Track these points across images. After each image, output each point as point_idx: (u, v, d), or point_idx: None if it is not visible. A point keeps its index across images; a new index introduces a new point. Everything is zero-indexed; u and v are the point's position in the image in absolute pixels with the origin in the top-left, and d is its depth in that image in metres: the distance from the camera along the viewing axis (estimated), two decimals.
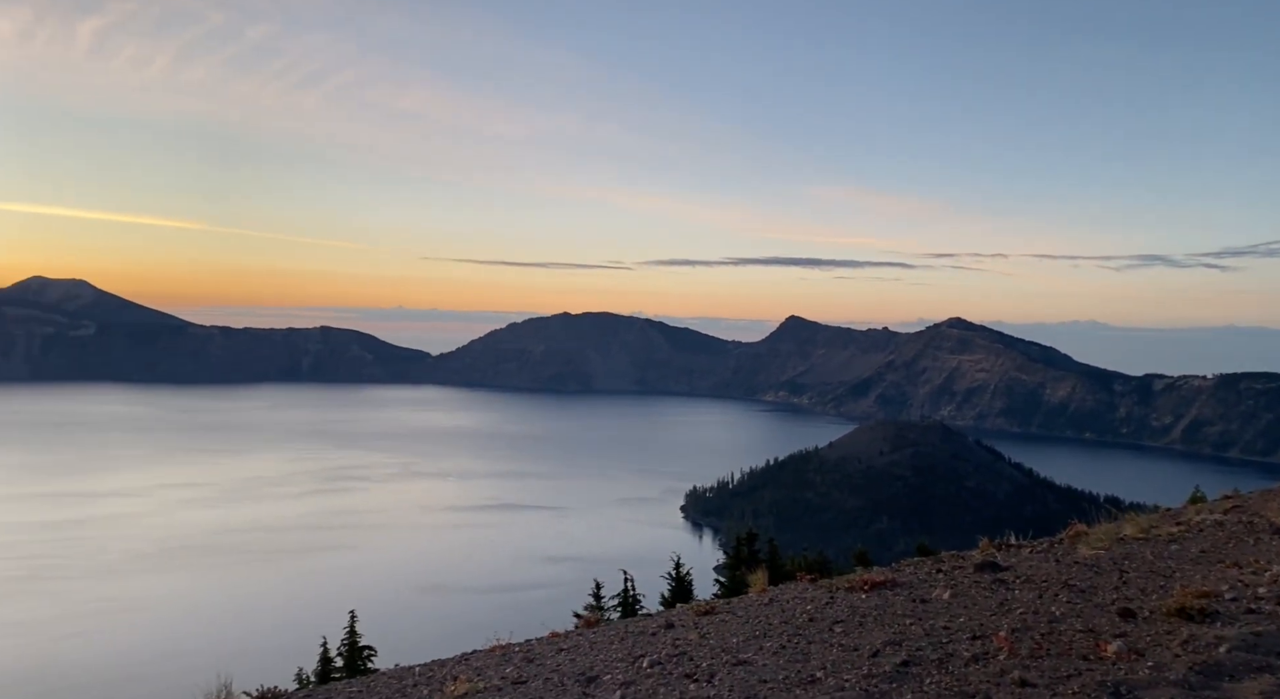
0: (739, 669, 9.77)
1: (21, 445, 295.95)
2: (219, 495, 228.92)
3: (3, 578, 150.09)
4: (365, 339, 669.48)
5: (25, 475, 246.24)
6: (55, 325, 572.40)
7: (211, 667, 65.11)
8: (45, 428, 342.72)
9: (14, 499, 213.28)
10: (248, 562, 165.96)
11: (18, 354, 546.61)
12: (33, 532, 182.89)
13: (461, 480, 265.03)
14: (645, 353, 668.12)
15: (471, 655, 13.42)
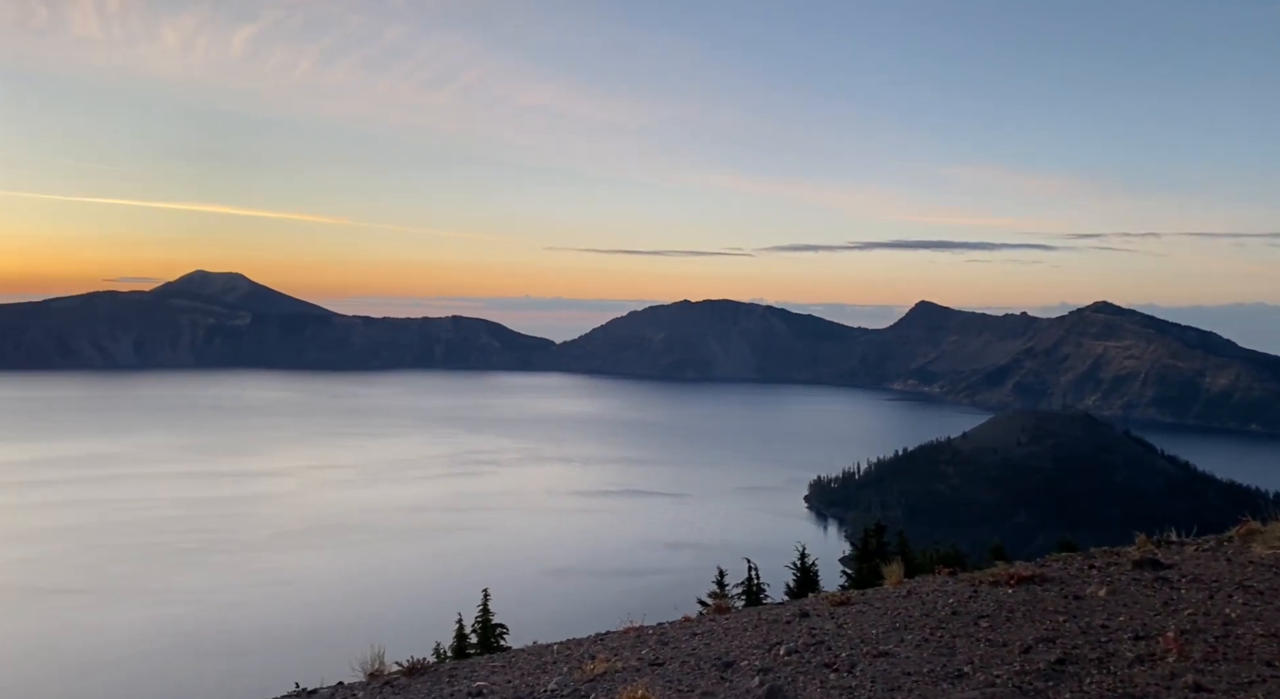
0: (880, 661, 9.55)
1: (188, 428, 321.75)
2: (361, 476, 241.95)
3: (176, 549, 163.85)
4: (493, 327, 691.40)
5: (192, 455, 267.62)
6: (216, 316, 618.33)
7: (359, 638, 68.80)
8: (208, 412, 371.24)
9: (183, 477, 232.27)
10: (388, 540, 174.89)
11: (184, 343, 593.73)
12: (199, 507, 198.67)
13: (585, 466, 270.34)
14: (766, 340, 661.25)
15: (606, 636, 13.68)
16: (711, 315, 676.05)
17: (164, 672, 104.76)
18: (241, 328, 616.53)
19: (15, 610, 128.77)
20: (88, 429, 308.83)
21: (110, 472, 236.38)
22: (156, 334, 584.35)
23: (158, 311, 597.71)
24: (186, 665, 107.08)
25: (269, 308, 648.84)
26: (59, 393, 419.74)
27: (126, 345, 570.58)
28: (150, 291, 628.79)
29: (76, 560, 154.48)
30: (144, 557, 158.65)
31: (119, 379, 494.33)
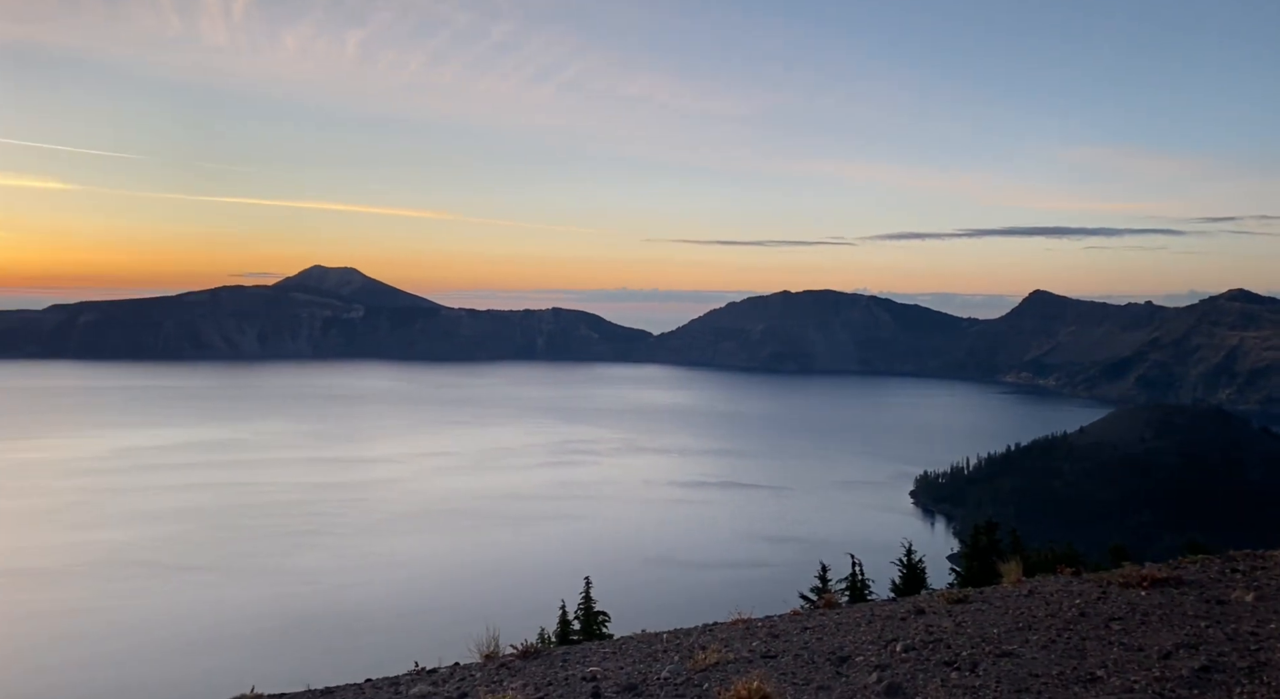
0: (1004, 661, 9.22)
1: (307, 415, 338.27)
2: (468, 464, 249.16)
3: (296, 531, 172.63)
4: (592, 319, 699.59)
5: (310, 441, 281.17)
6: (332, 309, 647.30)
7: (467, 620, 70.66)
8: (324, 400, 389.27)
9: (301, 462, 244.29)
10: (492, 526, 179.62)
11: (303, 335, 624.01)
12: (316, 491, 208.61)
13: (682, 457, 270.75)
14: (869, 331, 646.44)
15: (714, 627, 13.67)
16: (813, 306, 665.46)
17: (284, 647, 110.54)
18: (355, 320, 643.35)
19: (150, 586, 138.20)
20: (216, 416, 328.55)
21: (235, 457, 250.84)
22: (278, 326, 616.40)
23: (279, 305, 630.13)
24: (305, 642, 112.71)
25: (381, 301, 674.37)
26: (190, 382, 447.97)
27: (251, 337, 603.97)
28: (272, 286, 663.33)
29: (204, 540, 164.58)
30: (265, 537, 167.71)
31: (244, 369, 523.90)
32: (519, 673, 11.30)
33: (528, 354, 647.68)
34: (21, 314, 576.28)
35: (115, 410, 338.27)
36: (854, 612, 13.66)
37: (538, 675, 11.00)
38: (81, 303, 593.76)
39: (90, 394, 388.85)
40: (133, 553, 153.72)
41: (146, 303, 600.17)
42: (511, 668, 11.60)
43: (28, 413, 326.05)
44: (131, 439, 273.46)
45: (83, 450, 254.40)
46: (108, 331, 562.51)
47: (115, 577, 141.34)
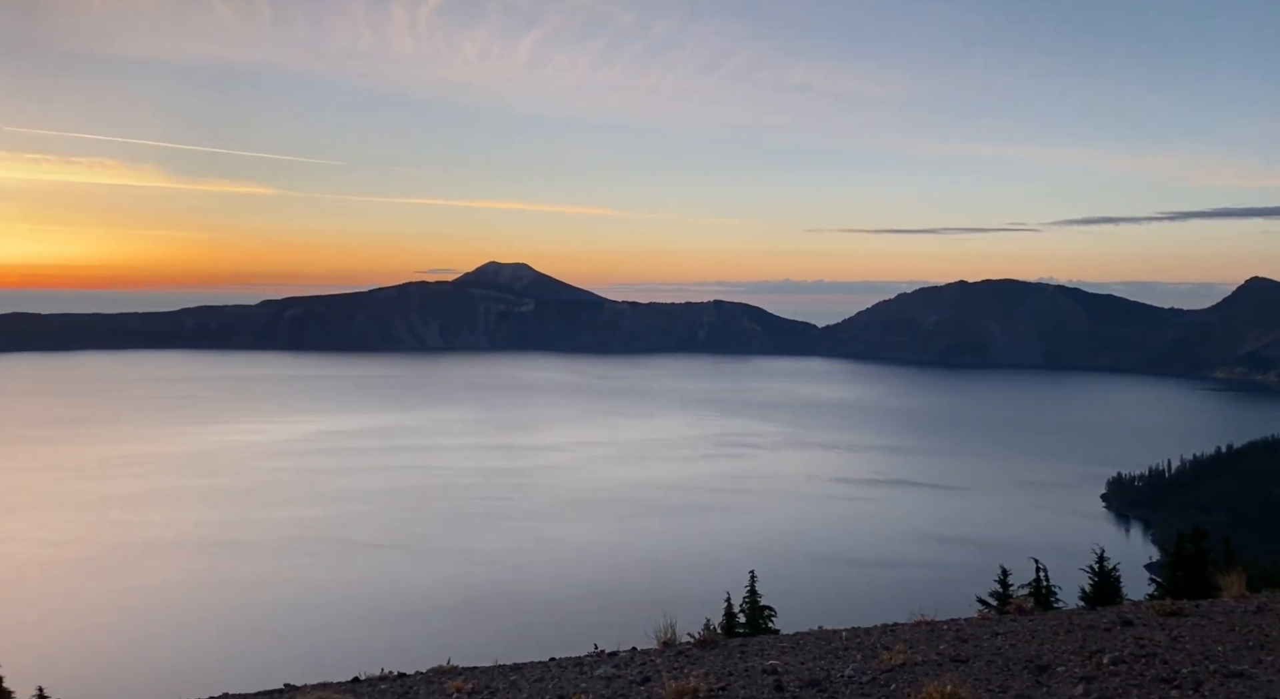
0: (1234, 682, 8.34)
1: (480, 404, 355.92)
2: (630, 454, 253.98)
3: (472, 513, 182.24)
4: (754, 312, 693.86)
5: (483, 429, 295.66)
6: (505, 303, 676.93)
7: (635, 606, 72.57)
8: (498, 390, 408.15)
9: (475, 448, 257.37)
10: (655, 515, 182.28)
11: (479, 327, 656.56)
12: (491, 476, 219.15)
13: (849, 452, 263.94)
14: (1055, 323, 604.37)
15: (895, 627, 13.22)
16: (992, 296, 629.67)
17: (467, 623, 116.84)
18: (526, 314, 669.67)
19: (341, 561, 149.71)
20: (401, 404, 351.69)
21: (418, 441, 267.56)
22: (457, 320, 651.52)
23: (458, 300, 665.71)
24: (486, 619, 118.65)
25: (549, 295, 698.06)
26: (380, 372, 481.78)
27: (433, 330, 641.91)
28: (452, 282, 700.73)
29: (389, 519, 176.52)
30: (444, 518, 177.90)
31: (427, 359, 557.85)
32: (698, 661, 11.36)
33: (689, 347, 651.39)
34: (237, 309, 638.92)
35: (313, 397, 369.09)
36: (1049, 619, 12.83)
37: (717, 665, 11.02)
38: (287, 299, 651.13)
39: (292, 382, 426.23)
40: (326, 529, 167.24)
41: (343, 298, 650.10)
42: (690, 656, 11.69)
43: (239, 399, 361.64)
44: (327, 424, 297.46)
45: (285, 434, 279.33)
46: (309, 325, 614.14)
47: (310, 551, 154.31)
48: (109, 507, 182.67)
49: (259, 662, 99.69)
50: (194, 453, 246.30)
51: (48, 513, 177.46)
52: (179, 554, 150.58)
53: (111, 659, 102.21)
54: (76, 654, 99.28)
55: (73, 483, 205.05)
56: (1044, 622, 12.42)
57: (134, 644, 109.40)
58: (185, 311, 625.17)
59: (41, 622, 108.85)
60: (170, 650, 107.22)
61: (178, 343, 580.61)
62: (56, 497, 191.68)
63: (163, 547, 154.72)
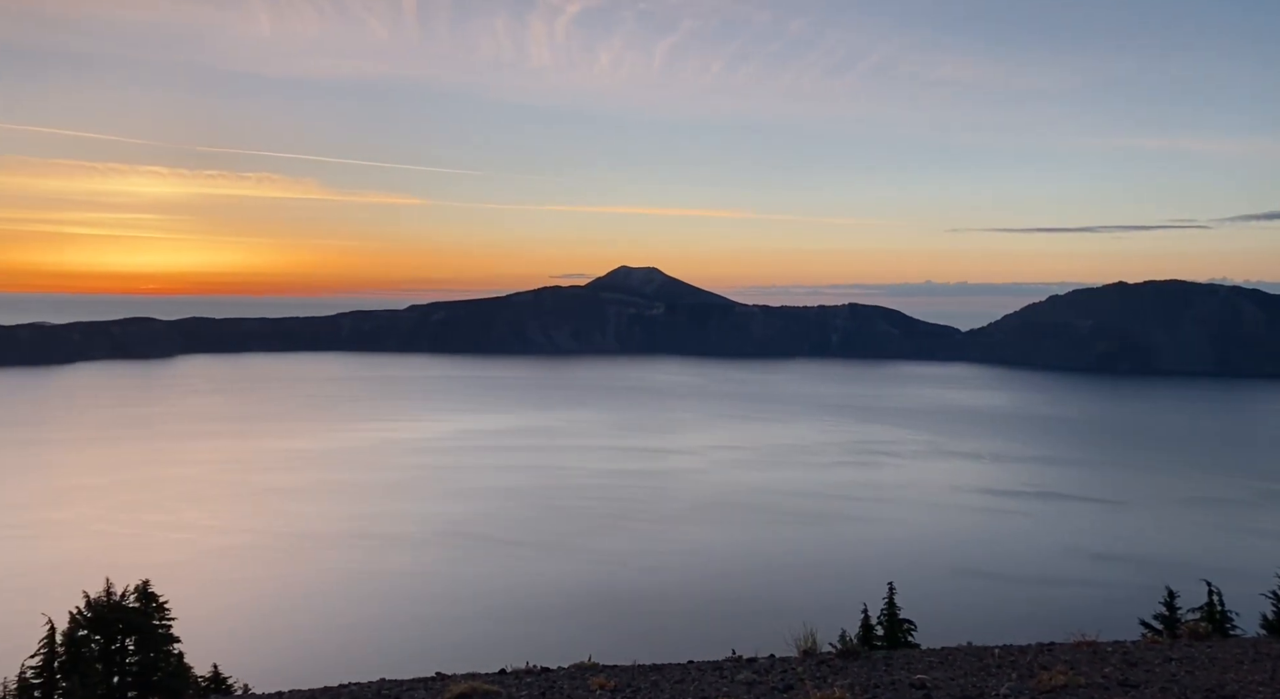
0: None
1: (611, 406, 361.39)
2: (760, 459, 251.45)
3: (605, 514, 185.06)
4: (891, 315, 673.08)
5: (614, 430, 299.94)
6: (635, 307, 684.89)
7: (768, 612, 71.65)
8: (628, 392, 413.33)
9: (606, 450, 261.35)
10: (787, 522, 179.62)
11: (609, 330, 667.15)
12: (620, 478, 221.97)
13: (995, 462, 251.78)
14: (1229, 327, 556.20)
15: (1053, 646, 12.42)
16: (1156, 298, 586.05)
17: (603, 622, 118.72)
18: (656, 317, 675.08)
19: (481, 556, 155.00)
20: (536, 405, 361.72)
21: (551, 442, 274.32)
22: (589, 323, 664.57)
23: (590, 304, 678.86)
24: (622, 619, 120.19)
25: (679, 299, 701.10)
26: (516, 373, 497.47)
27: (566, 333, 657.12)
28: (584, 286, 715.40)
29: (525, 517, 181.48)
30: (578, 518, 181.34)
31: (560, 362, 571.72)
32: (841, 672, 11.04)
33: (821, 351, 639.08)
34: (386, 313, 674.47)
35: (455, 397, 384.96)
36: (1229, 646, 11.73)
37: (862, 677, 10.68)
38: (432, 303, 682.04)
39: (435, 383, 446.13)
40: (467, 525, 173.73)
41: (482, 303, 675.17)
42: (832, 666, 11.38)
43: (388, 398, 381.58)
44: (467, 423, 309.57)
45: (428, 431, 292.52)
46: (452, 329, 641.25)
47: (453, 545, 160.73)
48: (271, 498, 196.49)
49: (408, 650, 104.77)
50: (347, 448, 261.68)
51: (219, 503, 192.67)
52: (333, 545, 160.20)
53: (276, 642, 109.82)
54: (245, 636, 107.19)
55: (240, 475, 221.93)
56: (1224, 649, 11.38)
57: (296, 629, 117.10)
58: (342, 315, 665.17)
59: (213, 605, 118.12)
60: (328, 636, 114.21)
61: (335, 344, 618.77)
62: (227, 487, 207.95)
63: (318, 537, 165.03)
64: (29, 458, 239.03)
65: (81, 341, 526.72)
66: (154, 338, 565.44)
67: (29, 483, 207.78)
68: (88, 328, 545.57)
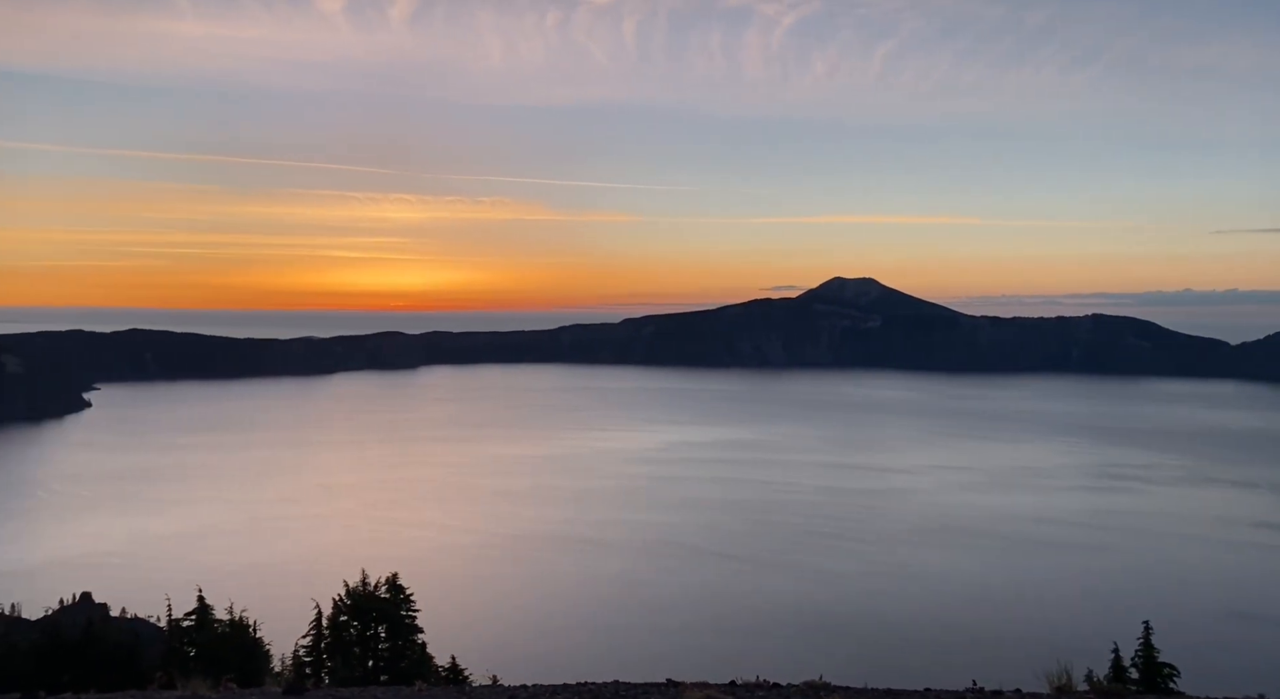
0: None
1: (824, 421, 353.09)
2: (989, 481, 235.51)
3: (819, 532, 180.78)
4: (1143, 326, 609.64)
5: (828, 446, 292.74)
6: (850, 319, 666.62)
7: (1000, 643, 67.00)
8: (842, 407, 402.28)
9: (820, 466, 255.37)
10: (1020, 550, 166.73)
11: (823, 343, 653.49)
12: (836, 495, 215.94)
13: (1273, 493, 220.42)
14: None
15: None
16: None
17: (814, 641, 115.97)
18: (872, 330, 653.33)
19: (694, 567, 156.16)
20: (746, 418, 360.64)
21: (762, 456, 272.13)
22: (801, 336, 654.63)
23: (802, 316, 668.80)
24: (835, 640, 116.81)
25: (898, 310, 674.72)
26: (726, 386, 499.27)
27: (778, 346, 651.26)
28: (796, 298, 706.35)
29: (737, 531, 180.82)
30: (791, 535, 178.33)
31: (771, 376, 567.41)
32: None
33: (1059, 365, 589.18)
34: (601, 327, 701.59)
35: (667, 409, 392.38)
36: None
37: None
38: (645, 317, 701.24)
39: (648, 395, 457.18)
40: (678, 536, 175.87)
41: (693, 316, 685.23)
42: None
43: (602, 409, 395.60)
44: (679, 435, 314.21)
45: (641, 442, 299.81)
46: (664, 342, 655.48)
47: (666, 555, 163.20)
48: (499, 500, 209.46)
49: (636, 654, 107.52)
50: (566, 456, 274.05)
51: (454, 503, 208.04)
52: (555, 547, 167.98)
53: (508, 637, 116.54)
54: (477, 630, 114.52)
55: (473, 478, 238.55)
56: None
57: (525, 625, 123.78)
58: (562, 329, 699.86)
59: (449, 599, 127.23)
60: (556, 634, 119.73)
61: (556, 357, 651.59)
62: (461, 489, 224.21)
63: (541, 540, 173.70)
64: (299, 457, 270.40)
65: (343, 354, 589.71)
66: (402, 350, 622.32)
67: (299, 480, 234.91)
68: (348, 342, 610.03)
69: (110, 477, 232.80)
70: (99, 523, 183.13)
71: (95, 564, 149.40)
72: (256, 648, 29.06)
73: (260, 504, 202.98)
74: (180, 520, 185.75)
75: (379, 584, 31.68)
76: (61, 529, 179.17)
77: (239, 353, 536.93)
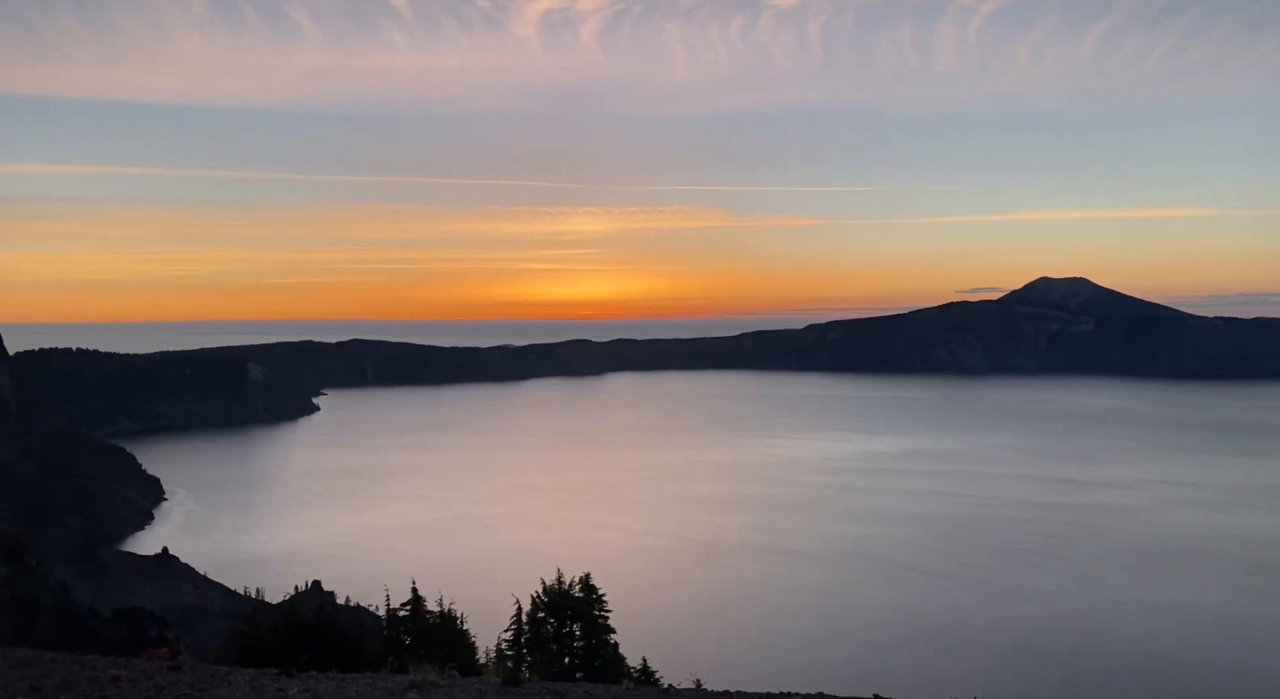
0: None
1: (1028, 431, 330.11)
2: (1223, 499, 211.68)
3: (1022, 549, 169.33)
4: None
5: (1031, 458, 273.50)
6: (1058, 321, 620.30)
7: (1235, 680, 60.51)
8: (1048, 416, 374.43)
9: (1022, 479, 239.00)
10: (1260, 577, 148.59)
11: (1027, 348, 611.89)
12: (1042, 511, 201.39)
13: None
14: None
15: None
16: None
17: (1027, 667, 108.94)
18: (1084, 333, 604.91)
19: (884, 580, 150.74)
20: (940, 427, 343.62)
21: (958, 467, 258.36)
22: (1003, 340, 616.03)
23: (1004, 319, 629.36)
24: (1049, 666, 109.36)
25: (1114, 311, 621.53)
26: (918, 394, 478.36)
27: (976, 351, 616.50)
28: (997, 301, 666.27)
29: (933, 545, 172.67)
30: (991, 551, 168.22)
31: (968, 382, 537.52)
32: None
33: None
34: (784, 333, 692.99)
35: (853, 417, 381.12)
36: None
37: None
38: (831, 322, 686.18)
39: (834, 402, 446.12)
40: (871, 548, 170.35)
41: (882, 320, 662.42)
42: None
43: (786, 416, 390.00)
44: (868, 444, 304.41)
45: (827, 450, 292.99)
46: (850, 347, 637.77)
47: (855, 567, 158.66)
48: (684, 506, 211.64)
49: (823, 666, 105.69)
50: (750, 463, 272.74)
51: (640, 507, 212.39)
52: (742, 555, 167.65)
53: (698, 642, 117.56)
54: (667, 633, 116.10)
55: (658, 483, 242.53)
56: None
57: (714, 632, 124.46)
58: (744, 335, 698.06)
59: (638, 601, 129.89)
60: (744, 642, 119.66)
61: (738, 363, 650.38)
62: (646, 493, 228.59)
63: (728, 546, 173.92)
64: (496, 459, 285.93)
65: (535, 361, 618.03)
66: (590, 358, 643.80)
67: (496, 480, 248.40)
68: (540, 349, 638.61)
69: (335, 474, 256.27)
70: (325, 516, 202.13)
71: (322, 554, 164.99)
72: (464, 639, 31.08)
73: (463, 502, 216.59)
74: (393, 515, 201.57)
75: (573, 583, 33.00)
76: (294, 521, 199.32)
77: (444, 361, 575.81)
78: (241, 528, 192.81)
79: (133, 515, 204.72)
